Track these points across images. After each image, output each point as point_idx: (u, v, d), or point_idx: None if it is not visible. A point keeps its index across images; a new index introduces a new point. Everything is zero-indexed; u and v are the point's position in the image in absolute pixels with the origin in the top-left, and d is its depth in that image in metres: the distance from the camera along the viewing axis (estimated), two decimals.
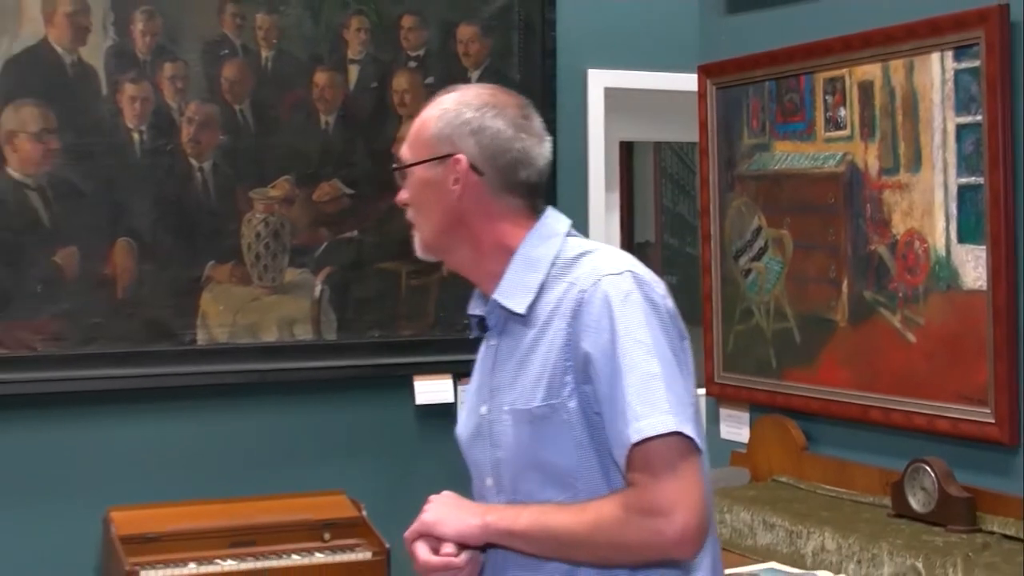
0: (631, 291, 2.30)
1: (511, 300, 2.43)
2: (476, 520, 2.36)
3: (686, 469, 2.21)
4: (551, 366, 2.34)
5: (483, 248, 2.50)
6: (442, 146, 2.47)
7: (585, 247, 2.46)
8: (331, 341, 5.14)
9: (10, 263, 4.71)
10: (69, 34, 4.76)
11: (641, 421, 2.19)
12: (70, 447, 4.86)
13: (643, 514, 2.19)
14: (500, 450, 2.45)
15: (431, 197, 2.49)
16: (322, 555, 4.71)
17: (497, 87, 2.59)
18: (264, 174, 5.03)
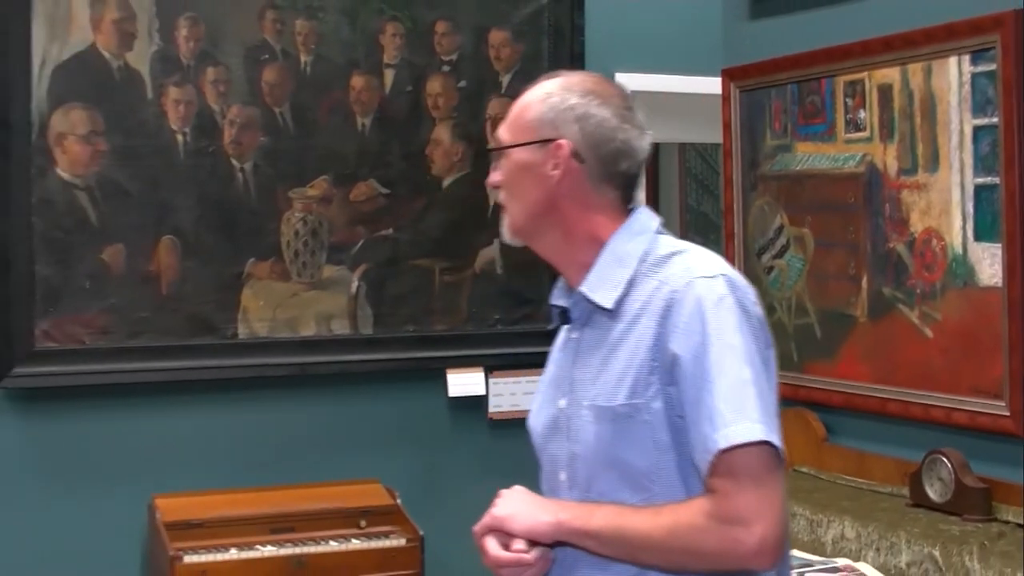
0: (725, 295, 2.23)
1: (598, 294, 2.36)
2: (548, 517, 2.30)
3: (770, 479, 2.14)
4: (636, 365, 2.26)
5: (574, 237, 2.42)
6: (544, 130, 2.40)
7: (676, 246, 2.38)
8: (367, 335, 5.14)
9: (59, 260, 4.73)
10: (116, 40, 4.78)
11: (730, 427, 2.11)
12: (117, 437, 4.88)
13: (722, 522, 2.12)
14: (577, 445, 2.36)
15: (527, 180, 2.42)
16: (358, 541, 4.72)
17: (601, 76, 2.53)
18: (303, 174, 5.03)
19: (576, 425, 2.37)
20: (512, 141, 2.44)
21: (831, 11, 4.52)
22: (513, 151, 2.44)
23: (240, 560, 4.55)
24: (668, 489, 2.24)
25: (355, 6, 5.07)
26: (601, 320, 2.36)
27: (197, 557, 4.49)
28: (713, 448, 2.12)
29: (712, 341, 2.18)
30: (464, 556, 5.18)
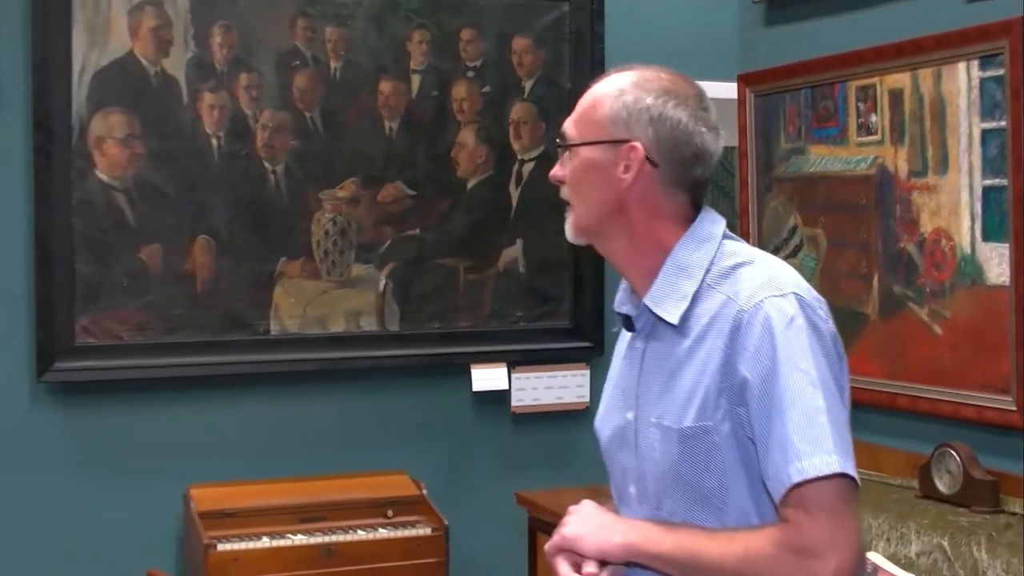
0: (795, 315, 2.11)
1: (662, 308, 2.24)
2: (619, 539, 2.20)
3: (844, 510, 2.05)
4: (704, 386, 2.16)
5: (640, 241, 2.29)
6: (617, 130, 2.26)
7: (742, 256, 2.26)
8: (394, 332, 5.14)
9: (98, 259, 4.74)
10: (153, 47, 4.79)
11: (803, 461, 2.02)
12: (153, 430, 4.89)
13: (796, 554, 2.03)
14: (646, 462, 2.27)
15: (596, 180, 2.29)
16: (385, 531, 4.72)
17: (676, 73, 2.35)
18: (332, 176, 5.03)
19: (643, 442, 2.28)
20: (581, 138, 2.32)
21: (844, 18, 4.52)
22: (582, 148, 2.31)
23: (271, 548, 4.56)
24: (739, 509, 2.17)
25: (383, 14, 5.07)
26: (666, 333, 2.26)
27: (230, 545, 4.51)
28: (787, 481, 2.05)
29: (783, 367, 2.08)
30: (487, 545, 5.20)
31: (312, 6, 4.98)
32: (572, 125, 2.36)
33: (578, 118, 2.35)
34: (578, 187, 2.34)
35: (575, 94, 5.21)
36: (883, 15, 4.33)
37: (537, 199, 5.29)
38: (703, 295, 2.22)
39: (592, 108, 2.32)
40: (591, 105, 2.32)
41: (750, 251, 2.30)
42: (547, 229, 5.30)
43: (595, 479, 3.84)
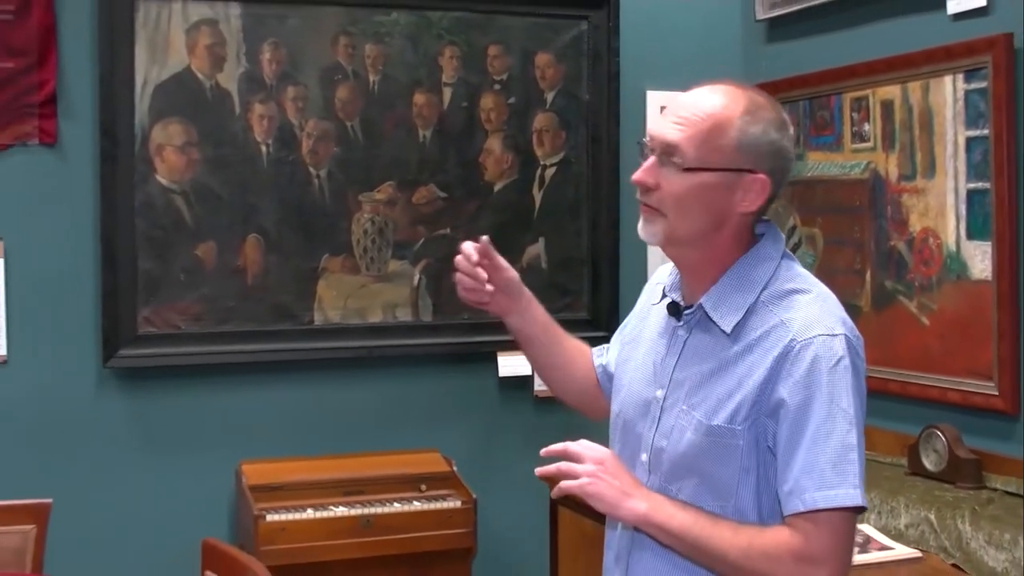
0: (843, 357, 2.08)
1: (718, 314, 2.19)
2: (636, 509, 2.17)
3: (847, 531, 2.08)
4: (742, 394, 2.13)
5: (717, 255, 2.22)
6: (744, 160, 2.13)
7: (797, 283, 2.19)
8: (427, 322, 5.14)
9: (159, 256, 4.76)
10: (208, 63, 4.80)
11: (832, 490, 2.03)
12: (209, 410, 4.91)
13: (796, 559, 2.04)
14: (666, 441, 2.23)
15: (706, 201, 2.16)
16: (419, 503, 4.73)
17: (758, 91, 2.24)
18: (371, 180, 5.04)
19: (669, 423, 2.24)
20: (701, 160, 2.14)
21: (839, 35, 4.51)
22: (704, 173, 2.14)
23: (315, 519, 4.57)
24: (743, 502, 2.15)
25: (417, 32, 5.08)
26: (715, 332, 2.21)
27: (278, 516, 4.53)
28: (811, 503, 2.04)
29: (824, 401, 2.06)
30: (511, 517, 5.20)
31: (353, 25, 4.99)
32: (689, 143, 2.15)
33: (697, 137, 2.15)
34: (684, 203, 2.16)
35: (593, 104, 5.25)
36: (875, 32, 4.32)
37: (558, 201, 5.29)
38: (757, 310, 2.17)
39: (715, 131, 2.15)
40: (713, 128, 2.15)
41: (805, 278, 2.24)
42: (567, 229, 5.30)
43: None
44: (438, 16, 5.11)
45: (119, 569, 4.03)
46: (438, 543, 4.69)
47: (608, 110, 5.32)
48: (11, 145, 4.63)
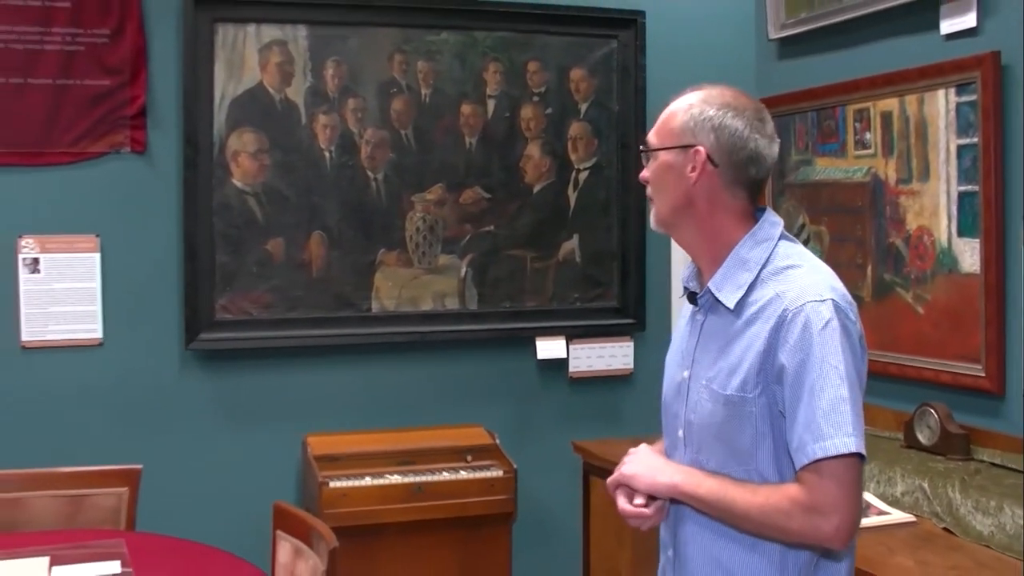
0: (831, 319, 2.12)
1: (723, 293, 2.25)
2: (665, 479, 2.26)
3: (851, 480, 2.09)
4: (747, 363, 2.18)
5: (705, 233, 2.29)
6: (685, 137, 2.26)
7: (793, 259, 2.26)
8: (473, 310, 5.17)
9: (234, 251, 4.82)
10: (278, 79, 4.85)
11: (827, 440, 2.06)
12: (278, 388, 4.96)
13: (807, 511, 2.07)
14: (694, 414, 2.29)
15: (670, 179, 2.28)
16: (465, 472, 4.76)
17: (738, 91, 2.35)
18: (422, 183, 5.07)
19: (694, 398, 2.30)
20: (659, 144, 2.33)
21: (843, 53, 4.51)
22: (660, 153, 2.31)
23: (372, 486, 4.61)
24: (764, 465, 2.19)
25: (464, 50, 5.11)
26: (723, 311, 2.27)
27: (339, 483, 4.57)
28: (811, 455, 2.08)
29: (817, 360, 2.10)
30: (547, 484, 5.23)
31: (407, 44, 5.02)
32: (653, 135, 2.36)
33: (657, 129, 2.36)
34: (657, 185, 2.34)
35: (622, 114, 5.28)
36: (875, 51, 4.33)
37: (590, 202, 5.32)
38: (757, 286, 2.23)
39: (668, 120, 2.33)
40: (667, 118, 2.34)
41: (801, 254, 2.29)
42: (599, 227, 5.32)
43: (638, 431, 3.89)
44: (483, 35, 5.14)
45: (201, 528, 4.09)
46: (482, 508, 4.72)
47: (635, 120, 5.33)
48: (106, 153, 4.69)
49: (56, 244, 4.66)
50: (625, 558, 4.27)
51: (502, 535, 4.80)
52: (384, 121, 5.01)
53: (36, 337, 4.66)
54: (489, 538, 4.78)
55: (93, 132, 4.66)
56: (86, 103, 4.65)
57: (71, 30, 4.63)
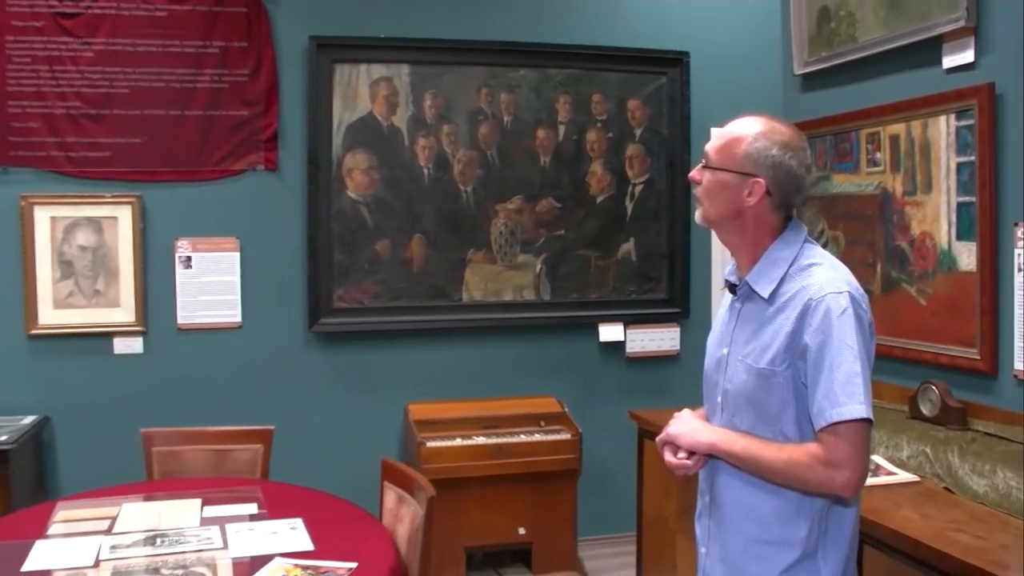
0: (847, 307, 2.13)
1: (758, 286, 2.25)
2: (704, 438, 2.27)
3: (861, 439, 2.10)
4: (777, 342, 2.18)
5: (747, 238, 2.27)
6: (747, 166, 2.22)
7: (816, 258, 2.25)
8: (546, 300, 5.16)
9: (348, 250, 4.84)
10: (385, 108, 4.87)
11: (843, 407, 2.08)
12: (385, 364, 4.99)
13: (824, 464, 2.09)
14: (730, 384, 2.29)
15: (724, 194, 2.25)
16: (539, 435, 4.75)
17: (791, 127, 2.28)
18: (505, 194, 5.07)
19: (731, 370, 2.30)
20: (721, 163, 2.25)
21: (856, 86, 4.43)
22: (720, 171, 2.25)
23: (461, 446, 4.63)
24: (787, 427, 2.19)
25: (539, 84, 5.09)
26: (758, 300, 2.27)
27: (434, 443, 4.58)
28: (829, 418, 2.09)
29: (835, 341, 2.11)
30: (606, 446, 5.21)
31: (492, 79, 5.02)
32: (715, 152, 2.28)
33: (721, 148, 2.27)
34: (711, 194, 2.29)
35: (671, 137, 5.23)
36: (886, 84, 4.25)
37: (644, 210, 5.28)
38: (786, 280, 2.22)
39: (733, 143, 2.25)
40: (732, 141, 2.26)
41: (822, 254, 2.28)
42: (651, 231, 5.28)
43: (683, 402, 3.83)
44: (555, 72, 5.12)
45: (321, 478, 4.12)
46: (552, 465, 4.72)
47: (681, 142, 5.30)
48: (245, 170, 4.75)
49: (205, 245, 4.72)
50: (671, 507, 4.24)
51: (569, 487, 4.79)
52: (473, 143, 5.01)
53: (189, 320, 4.72)
54: (558, 490, 4.77)
55: (235, 153, 4.71)
56: (229, 130, 4.70)
57: (218, 71, 4.68)
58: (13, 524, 3.09)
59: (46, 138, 4.52)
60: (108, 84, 4.58)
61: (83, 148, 4.56)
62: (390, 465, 3.27)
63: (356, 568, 2.67)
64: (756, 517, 2.24)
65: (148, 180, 4.64)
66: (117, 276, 4.62)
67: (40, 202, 4.53)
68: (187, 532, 2.95)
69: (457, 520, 4.59)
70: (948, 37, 3.85)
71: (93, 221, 4.59)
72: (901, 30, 4.09)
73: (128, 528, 3.00)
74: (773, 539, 2.22)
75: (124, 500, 3.28)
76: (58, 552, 2.80)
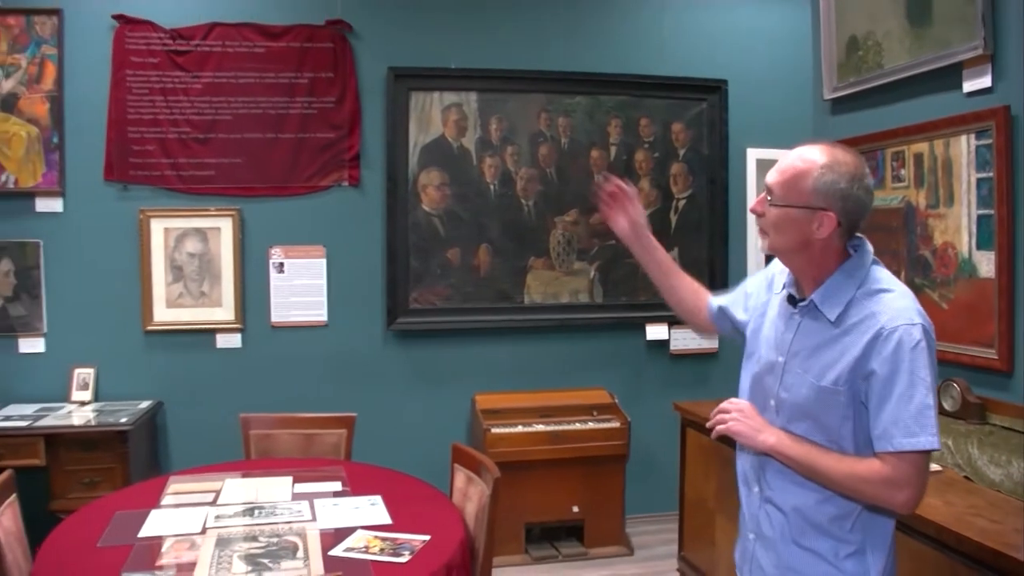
0: (920, 340, 1.97)
1: (825, 307, 2.07)
2: (764, 440, 2.13)
3: (924, 466, 1.98)
4: (841, 364, 2.02)
5: (813, 263, 2.10)
6: (817, 200, 2.02)
7: (883, 283, 2.06)
8: (599, 302, 5.13)
9: (423, 257, 4.85)
10: (455, 131, 4.87)
11: (916, 437, 1.94)
12: (455, 359, 4.99)
13: (886, 483, 1.97)
14: (788, 393, 2.13)
15: (793, 227, 2.06)
16: (591, 424, 4.73)
17: (852, 154, 2.08)
18: (562, 207, 5.05)
19: (789, 380, 2.14)
20: (785, 199, 2.06)
21: (883, 109, 4.34)
22: (787, 208, 2.07)
23: (522, 432, 4.61)
24: (844, 440, 2.06)
25: (593, 109, 5.06)
26: (822, 319, 2.09)
27: (498, 430, 4.58)
28: (899, 446, 1.95)
29: (906, 373, 1.96)
30: (652, 433, 5.16)
31: (550, 105, 5.00)
32: (779, 187, 2.09)
33: (786, 181, 2.08)
34: (778, 228, 2.10)
35: (711, 157, 5.16)
36: (910, 106, 4.15)
37: (686, 223, 5.22)
38: (853, 303, 2.05)
39: (799, 177, 2.06)
40: (798, 174, 2.06)
41: (891, 280, 2.10)
42: (693, 241, 5.23)
43: (721, 395, 3.77)
44: (607, 99, 5.09)
45: (398, 460, 4.13)
46: (604, 451, 4.69)
47: (720, 162, 5.24)
48: (331, 186, 4.77)
49: (295, 252, 4.75)
50: (710, 489, 4.17)
51: (618, 470, 4.75)
52: (534, 162, 4.99)
53: (281, 319, 4.76)
54: (608, 472, 4.74)
55: (322, 171, 4.74)
56: (317, 150, 4.73)
57: (308, 99, 4.71)
58: (132, 495, 3.13)
59: (161, 159, 4.59)
60: (214, 112, 4.63)
61: (192, 168, 4.62)
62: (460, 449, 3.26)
63: (429, 540, 2.66)
64: (806, 512, 2.14)
65: (247, 195, 4.69)
66: (220, 279, 4.67)
67: (155, 215, 4.59)
68: (280, 505, 2.97)
69: (518, 499, 4.57)
70: (967, 64, 3.76)
71: (200, 231, 4.65)
72: (924, 57, 4.00)
73: (230, 500, 3.02)
74: (822, 533, 2.13)
75: (226, 476, 3.30)
76: (170, 520, 2.83)
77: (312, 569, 2.46)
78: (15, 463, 3.87)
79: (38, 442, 4.00)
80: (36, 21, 4.49)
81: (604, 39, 5.11)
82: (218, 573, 2.42)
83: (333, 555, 2.56)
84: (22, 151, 4.49)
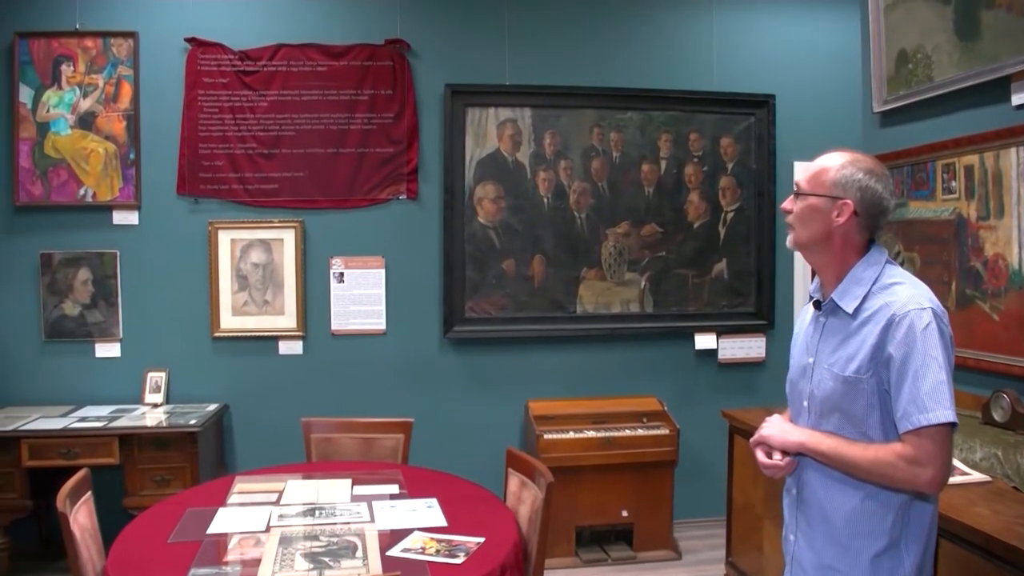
0: (930, 322, 2.03)
1: (843, 302, 2.16)
2: (794, 439, 2.19)
3: (945, 441, 2.01)
4: (862, 353, 2.09)
5: (834, 257, 2.18)
6: (836, 190, 2.14)
7: (897, 277, 2.15)
8: (649, 312, 5.10)
9: (478, 268, 4.86)
10: (510, 146, 4.88)
11: (931, 412, 1.98)
12: (509, 366, 4.99)
13: (909, 463, 2.00)
14: (816, 389, 2.20)
15: (815, 218, 2.16)
16: (642, 430, 4.69)
17: (874, 158, 2.22)
18: (614, 220, 5.03)
19: (817, 378, 2.21)
20: (811, 190, 2.18)
21: (932, 121, 4.26)
22: (811, 197, 2.18)
23: (575, 438, 4.59)
24: (871, 429, 2.10)
25: (644, 124, 5.04)
26: (842, 315, 2.18)
27: (551, 435, 4.56)
28: (917, 423, 1.99)
29: (920, 352, 2.02)
30: (701, 440, 5.10)
31: (603, 120, 4.99)
32: (805, 182, 2.22)
33: (811, 178, 2.21)
34: (802, 219, 2.20)
35: (759, 171, 5.11)
36: (960, 119, 4.07)
37: (735, 234, 5.17)
38: (869, 297, 2.14)
39: (822, 173, 2.18)
40: (821, 171, 2.19)
41: (902, 274, 2.17)
42: (741, 253, 5.18)
43: (769, 403, 3.76)
44: (657, 114, 5.06)
45: (454, 464, 4.14)
46: (654, 456, 4.65)
47: (768, 175, 5.18)
48: (390, 199, 4.81)
49: (355, 262, 4.79)
50: (758, 494, 4.12)
51: (667, 476, 4.71)
52: (586, 176, 4.98)
53: (341, 327, 4.80)
54: (657, 477, 4.70)
55: (381, 184, 4.78)
56: (377, 164, 4.78)
57: (368, 115, 4.76)
58: (201, 493, 3.17)
59: (229, 174, 4.67)
60: (279, 128, 4.70)
61: (257, 181, 4.69)
62: (513, 454, 3.26)
63: (484, 542, 2.66)
64: (842, 510, 2.16)
65: (309, 208, 4.74)
66: (282, 288, 4.73)
67: (223, 227, 4.67)
68: (340, 506, 2.99)
69: (570, 502, 4.55)
70: (1016, 77, 3.68)
71: (264, 242, 4.71)
72: (973, 70, 3.92)
73: (292, 501, 3.05)
74: (859, 530, 2.13)
75: (289, 477, 3.34)
76: (236, 518, 2.86)
77: (371, 568, 2.47)
78: (91, 462, 3.96)
79: (113, 442, 4.09)
80: (113, 43, 4.60)
81: (654, 56, 5.09)
82: (281, 570, 2.45)
83: (391, 555, 2.57)
84: (100, 167, 4.60)
